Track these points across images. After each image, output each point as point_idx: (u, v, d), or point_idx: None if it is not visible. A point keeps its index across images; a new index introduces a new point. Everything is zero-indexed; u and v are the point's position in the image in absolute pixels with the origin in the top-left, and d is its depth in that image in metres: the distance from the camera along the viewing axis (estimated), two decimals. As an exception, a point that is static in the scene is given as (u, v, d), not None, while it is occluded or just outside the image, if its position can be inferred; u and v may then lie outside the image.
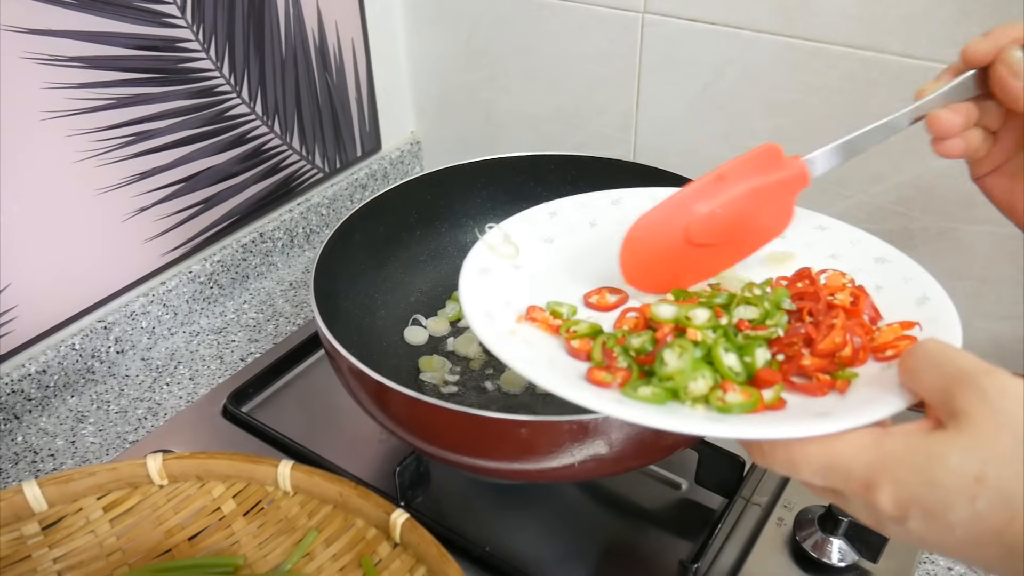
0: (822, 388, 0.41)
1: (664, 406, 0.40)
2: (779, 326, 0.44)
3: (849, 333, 0.43)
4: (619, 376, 0.42)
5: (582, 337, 0.46)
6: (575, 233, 0.56)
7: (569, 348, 0.46)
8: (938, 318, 0.44)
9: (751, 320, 0.45)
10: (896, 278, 0.48)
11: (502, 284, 0.50)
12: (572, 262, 0.54)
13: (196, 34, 0.81)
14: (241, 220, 0.93)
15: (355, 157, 1.05)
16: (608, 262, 0.51)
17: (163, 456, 0.58)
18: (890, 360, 0.42)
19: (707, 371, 0.41)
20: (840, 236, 0.53)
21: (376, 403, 0.60)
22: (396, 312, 0.80)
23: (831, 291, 0.48)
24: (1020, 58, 0.43)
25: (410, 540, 0.54)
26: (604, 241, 0.54)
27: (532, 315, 0.48)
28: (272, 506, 0.59)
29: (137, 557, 0.58)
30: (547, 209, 0.56)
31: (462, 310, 0.46)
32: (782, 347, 0.43)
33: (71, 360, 0.79)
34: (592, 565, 0.63)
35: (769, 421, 0.38)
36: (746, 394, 0.40)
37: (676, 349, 0.42)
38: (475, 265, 0.51)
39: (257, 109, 0.90)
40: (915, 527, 0.34)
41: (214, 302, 0.92)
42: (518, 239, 0.54)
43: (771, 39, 0.78)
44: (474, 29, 0.98)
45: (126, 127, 0.78)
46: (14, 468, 0.73)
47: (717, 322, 0.45)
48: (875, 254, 0.51)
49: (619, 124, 0.93)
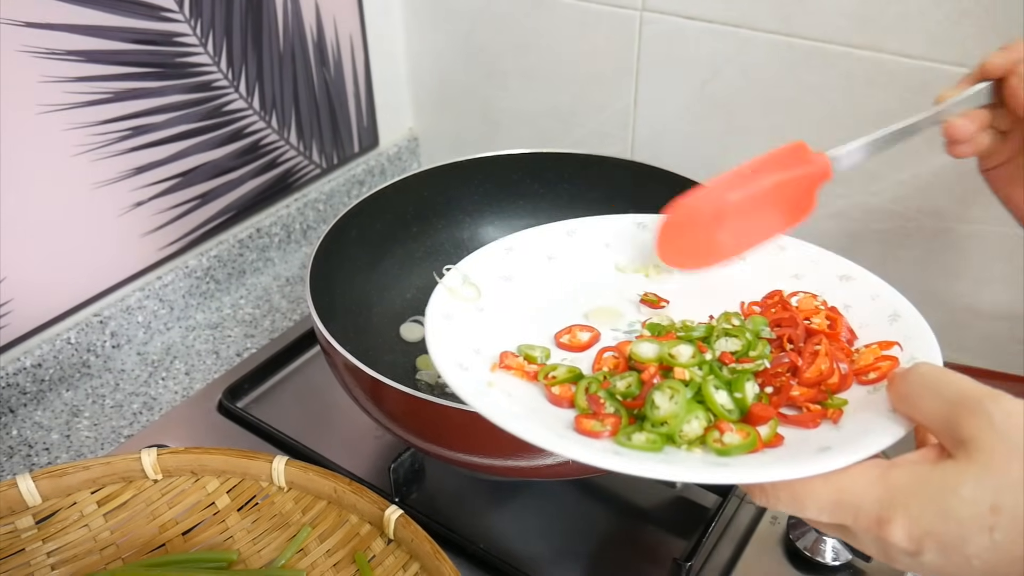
0: (815, 419, 0.40)
1: (661, 453, 0.39)
2: (764, 357, 0.44)
3: (834, 359, 0.43)
4: (608, 423, 0.41)
5: (562, 383, 0.45)
6: (534, 268, 0.54)
7: (550, 395, 0.44)
8: (913, 336, 0.44)
9: (734, 352, 0.45)
10: (863, 296, 0.48)
11: (469, 330, 0.49)
12: (535, 299, 0.53)
13: (194, 29, 0.81)
14: (238, 215, 0.93)
15: (353, 153, 1.05)
16: (571, 296, 0.53)
17: (157, 451, 0.58)
18: (874, 383, 0.42)
19: (700, 411, 0.41)
20: (800, 255, 0.53)
21: (371, 399, 0.60)
22: (392, 309, 0.80)
23: (806, 315, 0.47)
24: None
25: (404, 536, 0.54)
26: (563, 274, 0.55)
27: (506, 362, 0.47)
28: (266, 501, 0.59)
29: (131, 551, 0.58)
30: (503, 245, 0.55)
31: (432, 361, 0.44)
32: (769, 379, 0.43)
33: (66, 354, 0.79)
34: (586, 563, 0.63)
35: (771, 462, 0.38)
36: (743, 433, 0.39)
37: (667, 391, 0.41)
38: (438, 312, 0.49)
39: (255, 104, 0.90)
40: (930, 560, 0.33)
41: (210, 297, 0.92)
42: (477, 279, 0.52)
43: (769, 38, 0.78)
44: (473, 26, 0.97)
45: (123, 121, 0.77)
46: (9, 462, 0.73)
47: (702, 358, 0.44)
48: (838, 272, 0.51)
49: (617, 122, 0.93)
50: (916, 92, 0.72)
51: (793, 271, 0.52)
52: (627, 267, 0.55)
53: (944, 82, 0.71)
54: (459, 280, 0.52)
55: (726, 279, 0.53)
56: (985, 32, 0.67)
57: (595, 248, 0.56)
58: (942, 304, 0.79)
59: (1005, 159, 0.51)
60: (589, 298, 0.53)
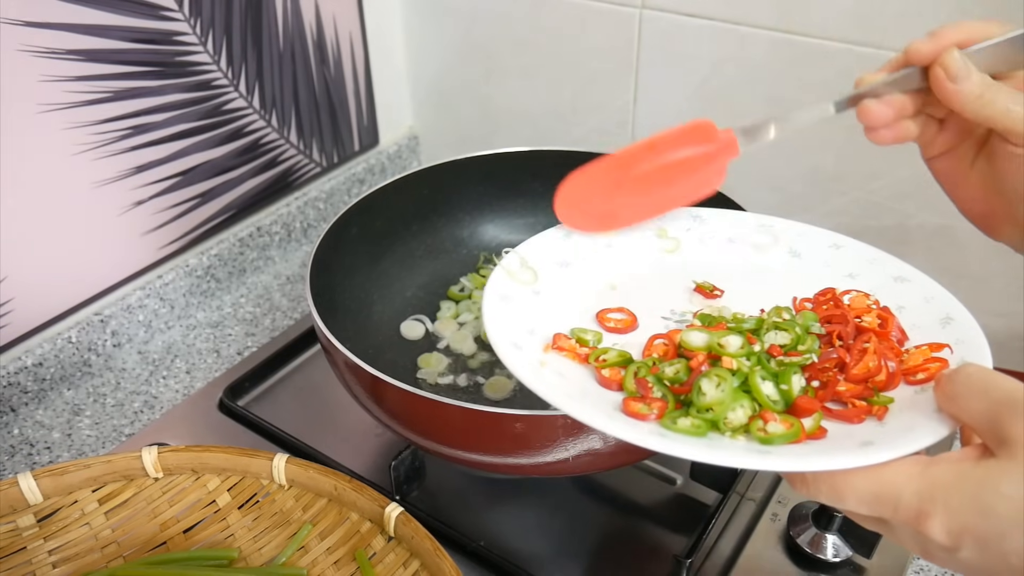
0: (859, 415, 0.41)
1: (705, 438, 0.40)
2: (812, 352, 0.44)
3: (883, 357, 0.43)
4: (655, 407, 0.42)
5: (612, 366, 0.46)
6: (591, 254, 0.55)
7: (600, 377, 0.45)
8: (965, 340, 0.44)
9: (783, 346, 0.45)
10: (917, 298, 0.48)
11: (524, 312, 0.50)
12: (591, 285, 0.54)
13: (193, 28, 0.81)
14: (238, 214, 0.93)
15: (353, 152, 1.05)
16: (627, 283, 0.54)
17: (158, 449, 0.58)
18: (922, 384, 0.42)
19: (745, 400, 0.41)
20: (856, 255, 0.53)
21: (372, 397, 0.60)
22: (392, 307, 0.80)
23: (857, 313, 0.47)
24: (957, 60, 0.45)
25: (404, 534, 0.54)
26: (620, 262, 0.55)
27: (559, 344, 0.48)
28: (267, 499, 0.59)
29: (132, 550, 0.58)
30: (562, 231, 0.56)
31: (488, 339, 0.46)
32: (816, 373, 0.43)
33: (67, 353, 0.79)
34: (587, 560, 0.63)
35: (814, 452, 0.38)
36: (787, 424, 0.40)
37: (714, 378, 0.42)
38: (495, 292, 0.50)
39: (255, 103, 0.90)
40: (968, 556, 0.33)
41: (211, 296, 0.92)
42: (535, 263, 0.53)
43: (768, 35, 0.78)
44: (472, 24, 0.97)
45: (123, 120, 0.77)
46: (10, 461, 0.73)
47: (751, 349, 0.44)
48: (893, 273, 0.51)
49: (616, 120, 0.93)
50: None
51: (848, 270, 0.52)
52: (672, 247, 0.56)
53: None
54: (517, 263, 0.53)
55: (781, 274, 0.54)
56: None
57: (652, 237, 0.56)
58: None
59: (946, 148, 0.50)
60: (644, 285, 0.54)
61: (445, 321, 0.80)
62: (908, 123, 0.49)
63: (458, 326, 0.80)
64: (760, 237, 0.56)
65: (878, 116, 0.48)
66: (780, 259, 0.55)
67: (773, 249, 0.55)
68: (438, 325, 0.79)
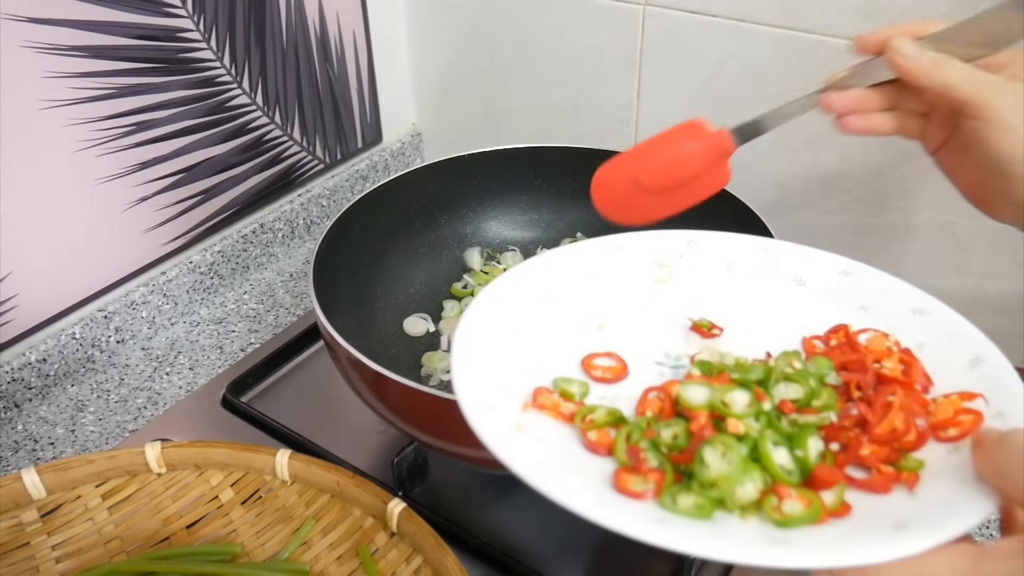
0: (887, 483, 0.36)
1: (710, 521, 0.35)
2: (830, 408, 0.39)
3: (910, 414, 0.38)
4: (651, 480, 0.37)
5: (600, 427, 0.40)
6: (574, 288, 0.50)
7: (586, 442, 0.40)
8: (998, 385, 0.38)
9: (795, 401, 0.40)
10: (939, 334, 0.43)
11: (501, 359, 0.44)
12: (574, 322, 0.48)
13: (197, 24, 0.81)
14: (242, 211, 0.93)
15: (356, 148, 1.05)
16: (615, 320, 0.48)
17: (162, 444, 0.59)
18: (954, 441, 0.37)
19: (756, 472, 0.36)
20: (868, 283, 0.48)
21: (375, 393, 0.60)
22: (396, 303, 0.80)
23: (876, 357, 0.42)
24: (905, 40, 0.48)
25: (407, 529, 0.54)
26: (608, 296, 0.50)
27: (539, 401, 0.42)
28: (270, 495, 0.59)
29: (135, 545, 0.58)
30: (542, 263, 0.50)
31: (456, 397, 0.39)
32: (834, 433, 0.38)
33: (71, 349, 0.79)
34: (589, 557, 0.63)
35: (840, 539, 0.33)
36: (805, 501, 0.35)
37: (719, 447, 0.37)
38: (466, 342, 0.43)
39: (258, 100, 0.90)
40: None
41: (214, 292, 0.92)
42: (511, 300, 0.47)
43: (772, 31, 0.77)
44: (475, 21, 0.97)
45: (126, 117, 0.78)
46: (14, 456, 0.73)
47: (760, 407, 0.39)
48: (911, 304, 0.45)
49: (620, 117, 0.93)
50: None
51: (859, 301, 0.47)
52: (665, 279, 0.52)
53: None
54: (491, 302, 0.46)
55: (785, 306, 0.49)
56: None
57: (643, 265, 0.52)
58: (947, 299, 0.78)
59: (942, 140, 0.51)
60: (634, 323, 0.49)
61: (449, 320, 0.80)
62: (879, 117, 0.51)
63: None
64: (761, 263, 0.51)
65: (837, 103, 0.50)
66: (783, 288, 0.50)
67: (775, 276, 0.50)
68: (442, 324, 0.80)
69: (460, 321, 0.45)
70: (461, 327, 0.44)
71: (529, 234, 0.86)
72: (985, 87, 0.45)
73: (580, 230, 0.85)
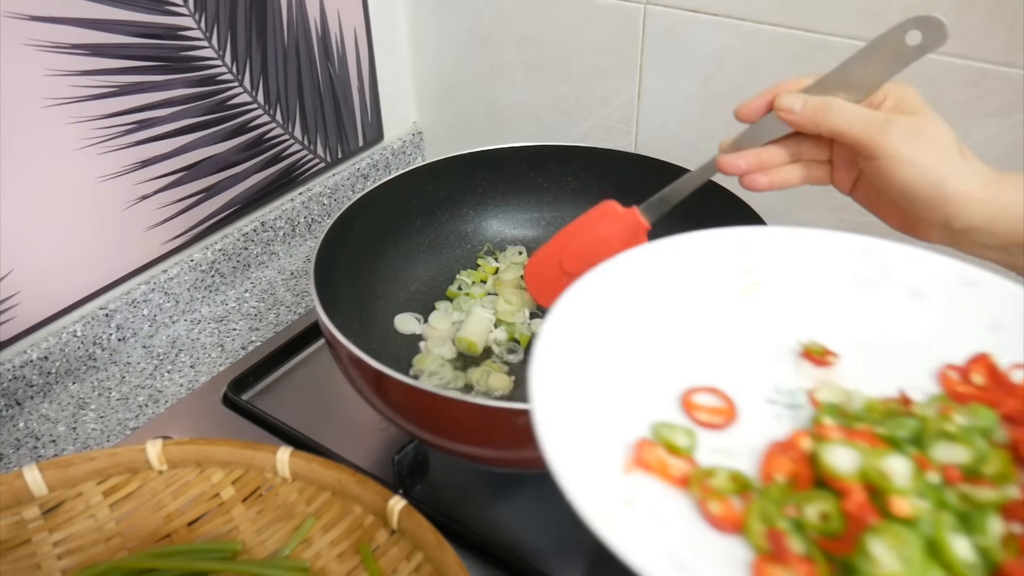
0: None
1: None
2: (1009, 479, 0.31)
3: None
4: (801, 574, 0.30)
5: (723, 497, 0.33)
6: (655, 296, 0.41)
7: (708, 516, 0.32)
8: None
9: (961, 467, 0.32)
10: None
11: (587, 393, 0.35)
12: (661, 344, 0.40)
13: (198, 22, 0.81)
14: (243, 209, 0.93)
15: (357, 147, 1.05)
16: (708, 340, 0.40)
17: (163, 442, 0.59)
18: None
19: (936, 572, 0.29)
20: (998, 295, 0.40)
21: (375, 391, 0.60)
22: (396, 301, 0.80)
23: None
24: (788, 95, 0.51)
25: (407, 527, 0.54)
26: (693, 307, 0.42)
27: (643, 458, 0.34)
28: (271, 493, 0.59)
29: (136, 542, 0.58)
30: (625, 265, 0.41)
31: (547, 461, 0.32)
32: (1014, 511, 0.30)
33: (73, 347, 0.79)
34: (589, 554, 0.63)
35: None
36: None
37: (887, 538, 0.29)
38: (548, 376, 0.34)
39: (259, 98, 0.90)
40: None
41: (215, 290, 0.92)
42: (590, 315, 0.38)
43: (773, 30, 0.77)
44: (476, 20, 0.97)
45: (128, 115, 0.78)
46: (16, 454, 0.73)
47: (925, 481, 0.31)
48: None
49: (621, 115, 0.93)
50: (922, 85, 0.71)
51: (989, 318, 0.39)
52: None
53: (948, 74, 0.71)
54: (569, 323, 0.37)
55: (905, 325, 0.41)
56: (991, 24, 0.67)
57: (726, 273, 0.43)
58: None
59: (852, 180, 0.54)
60: (727, 344, 0.41)
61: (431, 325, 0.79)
62: (784, 170, 0.54)
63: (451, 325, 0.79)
64: (866, 268, 0.43)
65: (732, 166, 0.54)
66: (898, 301, 0.42)
67: (885, 285, 0.42)
68: (424, 328, 0.79)
69: (537, 346, 0.36)
70: (539, 356, 0.35)
71: (530, 233, 0.87)
72: (871, 127, 0.48)
73: (581, 229, 0.85)
